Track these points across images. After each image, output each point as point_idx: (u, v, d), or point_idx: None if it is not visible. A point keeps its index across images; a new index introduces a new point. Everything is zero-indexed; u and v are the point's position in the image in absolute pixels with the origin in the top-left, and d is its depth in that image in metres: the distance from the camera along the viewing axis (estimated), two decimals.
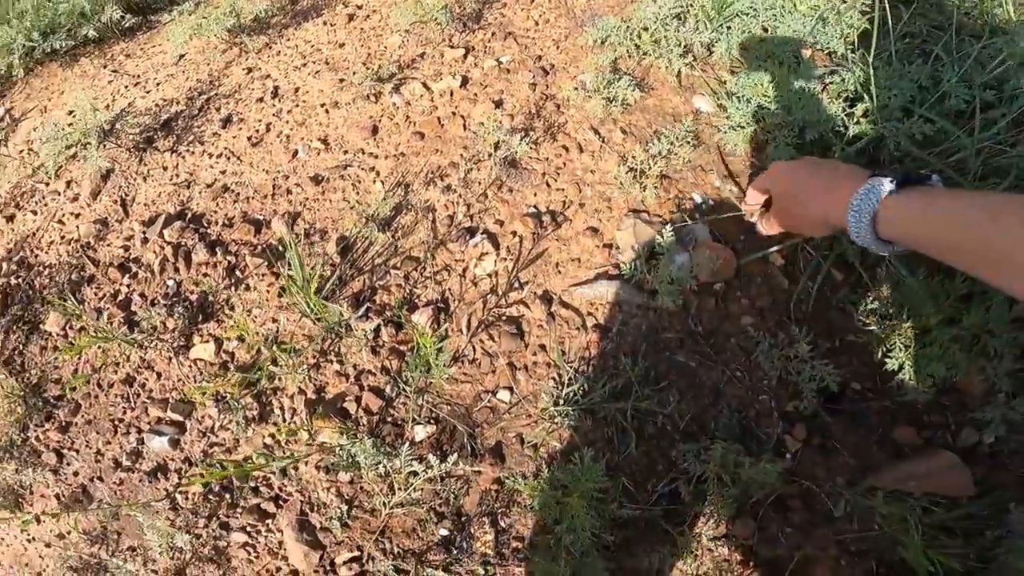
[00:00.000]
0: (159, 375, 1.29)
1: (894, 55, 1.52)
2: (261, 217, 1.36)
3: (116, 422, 1.29)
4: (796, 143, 1.32)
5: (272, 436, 1.24)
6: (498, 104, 1.43)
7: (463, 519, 1.13)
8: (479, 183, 1.31)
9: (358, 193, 1.35)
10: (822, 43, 1.49)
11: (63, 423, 1.31)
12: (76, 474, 1.28)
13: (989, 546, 0.99)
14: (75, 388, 1.30)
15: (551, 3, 1.61)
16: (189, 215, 1.38)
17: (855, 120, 1.34)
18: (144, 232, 1.37)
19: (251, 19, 1.67)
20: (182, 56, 1.68)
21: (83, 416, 1.31)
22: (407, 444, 1.16)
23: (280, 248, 1.28)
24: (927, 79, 1.48)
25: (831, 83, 1.44)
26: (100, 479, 1.26)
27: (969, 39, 1.64)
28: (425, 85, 1.48)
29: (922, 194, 0.65)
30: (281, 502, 1.19)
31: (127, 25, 1.79)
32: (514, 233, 1.25)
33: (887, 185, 0.66)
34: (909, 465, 1.08)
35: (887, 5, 1.50)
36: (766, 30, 1.50)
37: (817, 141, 1.34)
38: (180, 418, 1.26)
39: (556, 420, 1.14)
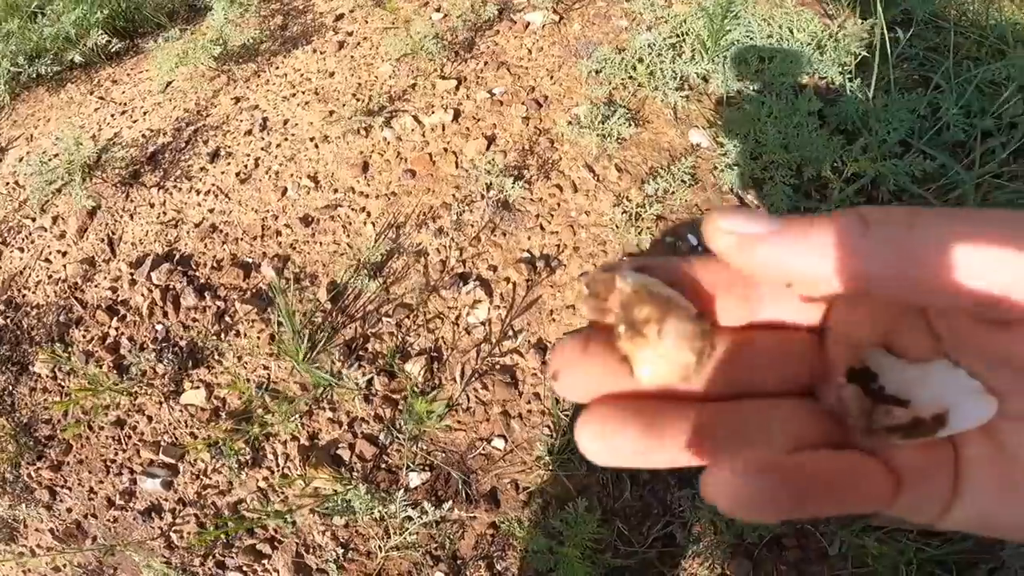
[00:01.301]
0: (150, 419, 1.29)
1: (893, 84, 1.50)
2: (250, 260, 1.35)
3: (108, 463, 1.30)
4: (794, 183, 1.31)
5: (266, 480, 1.25)
6: (491, 140, 1.42)
7: (459, 563, 1.15)
8: (472, 225, 1.30)
9: (349, 235, 1.34)
10: (820, 72, 1.47)
11: (55, 462, 1.33)
12: (69, 511, 1.30)
13: None
14: (66, 430, 1.30)
15: (544, 31, 1.59)
16: (177, 256, 1.37)
17: (853, 157, 1.33)
18: (132, 274, 1.36)
19: (239, 46, 1.64)
20: (169, 83, 1.65)
21: (75, 456, 1.32)
22: (402, 490, 1.18)
23: (270, 294, 1.28)
24: (926, 108, 1.46)
25: (829, 115, 1.42)
26: (94, 516, 1.28)
27: (967, 62, 1.62)
28: (416, 119, 1.46)
29: None
30: (277, 543, 1.21)
31: (114, 50, 1.76)
32: (507, 279, 1.25)
33: None
34: None
35: (885, 31, 1.48)
36: (763, 59, 1.48)
37: (815, 179, 1.33)
38: (172, 461, 1.27)
39: (551, 468, 1.14)
